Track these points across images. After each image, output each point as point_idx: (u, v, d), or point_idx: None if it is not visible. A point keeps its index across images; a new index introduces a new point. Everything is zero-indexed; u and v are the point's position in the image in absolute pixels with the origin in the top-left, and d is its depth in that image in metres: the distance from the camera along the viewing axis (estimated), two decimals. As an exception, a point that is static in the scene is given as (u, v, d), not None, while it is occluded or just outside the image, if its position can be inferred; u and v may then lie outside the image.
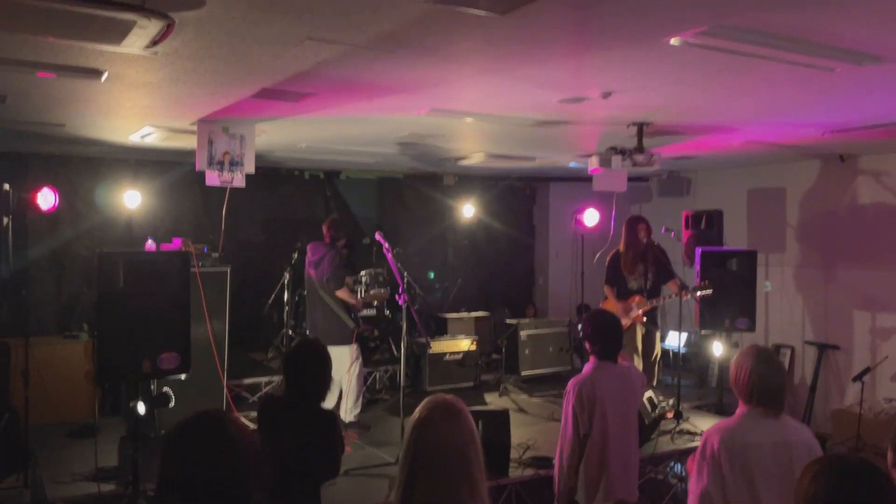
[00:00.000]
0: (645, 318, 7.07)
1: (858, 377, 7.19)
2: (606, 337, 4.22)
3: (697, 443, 5.94)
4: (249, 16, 3.07)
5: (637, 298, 7.04)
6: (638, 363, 7.00)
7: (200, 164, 5.75)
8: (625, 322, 6.89)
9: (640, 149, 5.83)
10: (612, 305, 7.04)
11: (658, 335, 7.35)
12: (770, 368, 3.11)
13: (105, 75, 4.06)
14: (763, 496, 2.98)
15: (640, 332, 7.09)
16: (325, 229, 7.05)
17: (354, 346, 6.71)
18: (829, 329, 8.10)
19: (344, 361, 6.60)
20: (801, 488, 1.99)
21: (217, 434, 1.96)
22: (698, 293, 6.89)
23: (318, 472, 3.56)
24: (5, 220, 5.70)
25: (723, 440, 3.04)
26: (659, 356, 7.39)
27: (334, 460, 3.59)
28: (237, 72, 4.06)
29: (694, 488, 3.08)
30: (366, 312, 8.23)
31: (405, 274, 6.86)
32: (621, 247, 7.23)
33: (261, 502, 1.97)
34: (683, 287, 6.86)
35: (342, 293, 6.81)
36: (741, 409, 3.14)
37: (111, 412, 7.14)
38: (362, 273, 7.41)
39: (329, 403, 6.76)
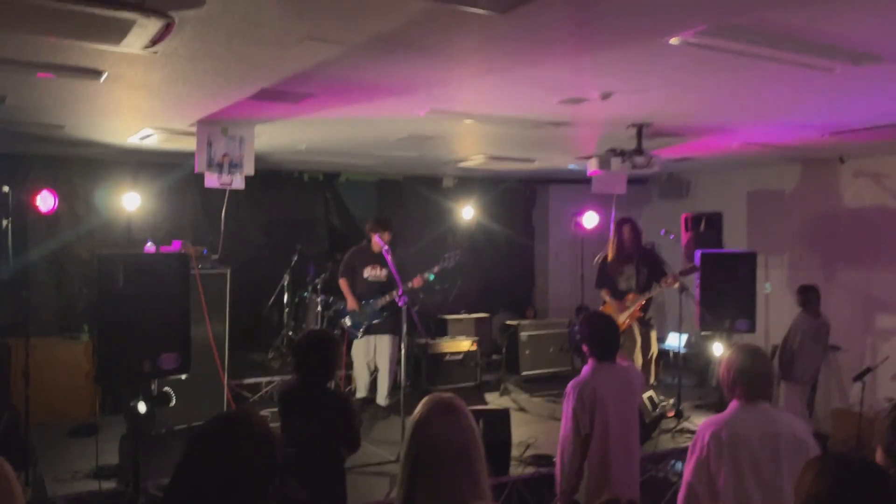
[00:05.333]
0: (642, 314, 7.12)
1: (859, 377, 7.19)
2: (604, 338, 4.23)
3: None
4: (249, 15, 3.08)
5: (630, 296, 7.15)
6: (638, 359, 7.06)
7: (200, 165, 5.75)
8: (623, 320, 6.96)
9: (639, 150, 5.83)
10: (607, 308, 7.12)
11: (654, 335, 7.41)
12: (752, 362, 3.25)
13: (105, 75, 4.06)
14: (751, 486, 3.11)
15: (637, 330, 7.15)
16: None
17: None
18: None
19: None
20: (803, 486, 1.98)
21: (241, 436, 1.95)
22: (683, 277, 7.06)
23: (338, 448, 3.80)
24: (5, 221, 5.71)
25: (713, 434, 3.18)
26: (655, 355, 7.44)
27: (353, 434, 3.83)
28: (237, 72, 4.06)
29: (684, 477, 3.27)
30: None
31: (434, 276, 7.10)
32: (609, 249, 7.31)
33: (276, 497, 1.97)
34: (682, 272, 7.06)
35: (341, 282, 7.23)
36: (732, 404, 3.30)
37: (112, 411, 7.15)
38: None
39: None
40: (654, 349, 7.40)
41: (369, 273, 7.19)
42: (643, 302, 7.10)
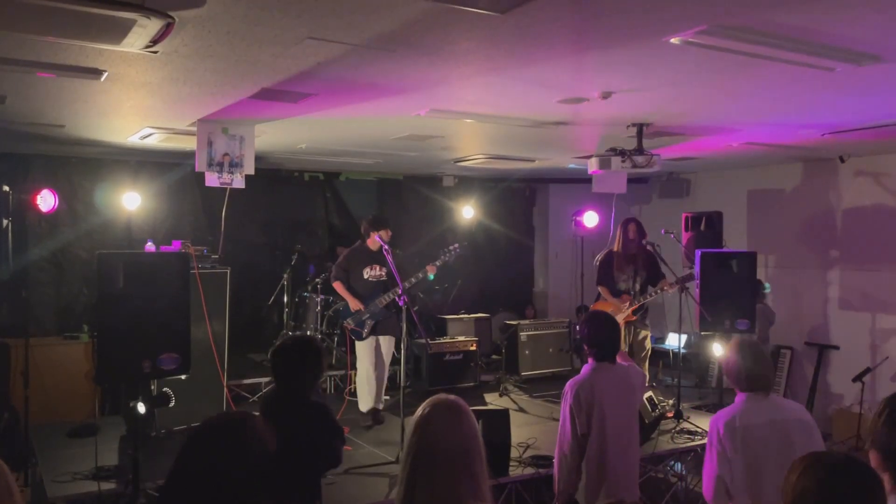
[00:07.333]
0: (634, 317, 7.18)
1: (858, 377, 7.20)
2: (604, 338, 4.22)
3: (697, 442, 5.95)
4: (249, 15, 3.08)
5: (625, 297, 7.23)
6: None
7: (200, 165, 5.75)
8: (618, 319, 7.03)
9: (639, 150, 5.82)
10: (605, 304, 7.15)
11: (648, 335, 7.44)
12: (753, 356, 3.48)
13: (105, 75, 4.06)
14: (764, 471, 3.32)
15: (624, 331, 7.20)
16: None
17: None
18: (829, 329, 8.11)
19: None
20: (789, 484, 1.99)
21: (237, 434, 1.97)
22: (685, 283, 7.06)
23: (315, 463, 3.66)
24: (5, 221, 5.71)
25: (726, 425, 3.38)
26: (649, 354, 7.50)
27: (331, 450, 3.70)
28: (237, 71, 4.06)
29: (706, 472, 3.44)
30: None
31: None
32: (615, 247, 7.35)
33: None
34: (676, 281, 7.03)
35: (336, 285, 7.09)
36: (738, 397, 3.51)
37: (111, 411, 7.14)
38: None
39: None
40: (648, 349, 7.49)
41: (369, 273, 7.05)
42: (636, 306, 7.16)
